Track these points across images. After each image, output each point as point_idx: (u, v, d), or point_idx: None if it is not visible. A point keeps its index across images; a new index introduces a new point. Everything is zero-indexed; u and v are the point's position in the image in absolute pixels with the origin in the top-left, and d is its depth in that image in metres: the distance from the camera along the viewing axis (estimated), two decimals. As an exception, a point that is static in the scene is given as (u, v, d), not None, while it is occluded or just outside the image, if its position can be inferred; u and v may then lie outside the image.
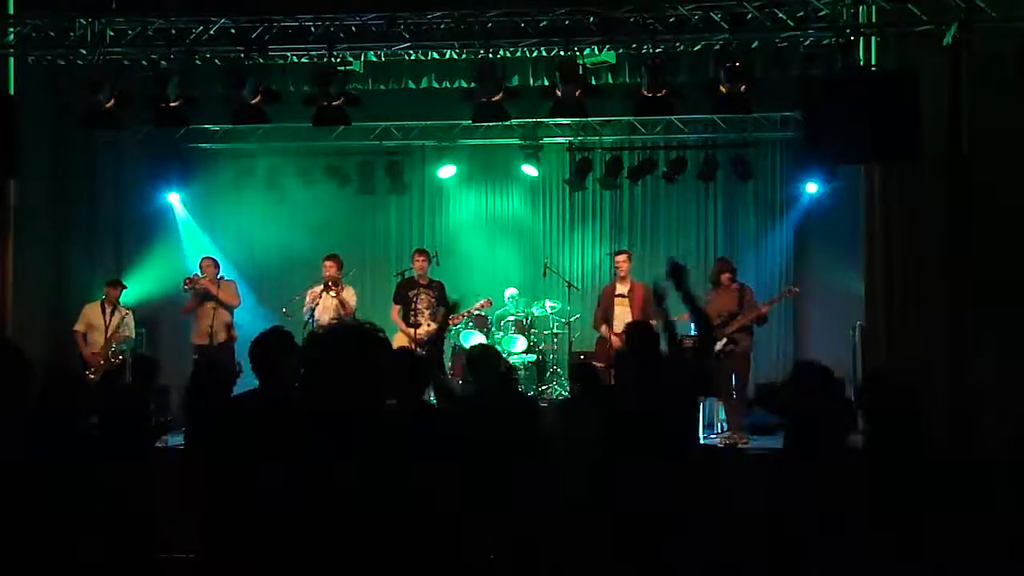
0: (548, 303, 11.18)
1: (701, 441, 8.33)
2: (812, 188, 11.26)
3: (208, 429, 4.60)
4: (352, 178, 11.81)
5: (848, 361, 10.13)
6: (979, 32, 8.03)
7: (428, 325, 9.45)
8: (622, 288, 9.56)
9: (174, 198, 11.97)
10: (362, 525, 2.39)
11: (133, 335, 10.01)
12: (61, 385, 4.61)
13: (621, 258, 9.74)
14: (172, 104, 8.77)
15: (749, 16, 8.43)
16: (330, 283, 9.48)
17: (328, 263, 9.67)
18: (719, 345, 9.11)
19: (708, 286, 9.58)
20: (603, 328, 9.56)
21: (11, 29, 8.91)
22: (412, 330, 9.35)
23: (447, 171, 11.99)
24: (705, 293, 9.43)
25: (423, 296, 9.45)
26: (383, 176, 11.86)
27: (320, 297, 9.55)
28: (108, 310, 9.70)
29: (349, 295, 9.60)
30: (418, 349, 9.17)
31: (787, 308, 11.30)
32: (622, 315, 9.34)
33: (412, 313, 9.43)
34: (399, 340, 9.31)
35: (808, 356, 10.55)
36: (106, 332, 9.63)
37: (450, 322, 9.58)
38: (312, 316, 9.49)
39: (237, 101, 8.83)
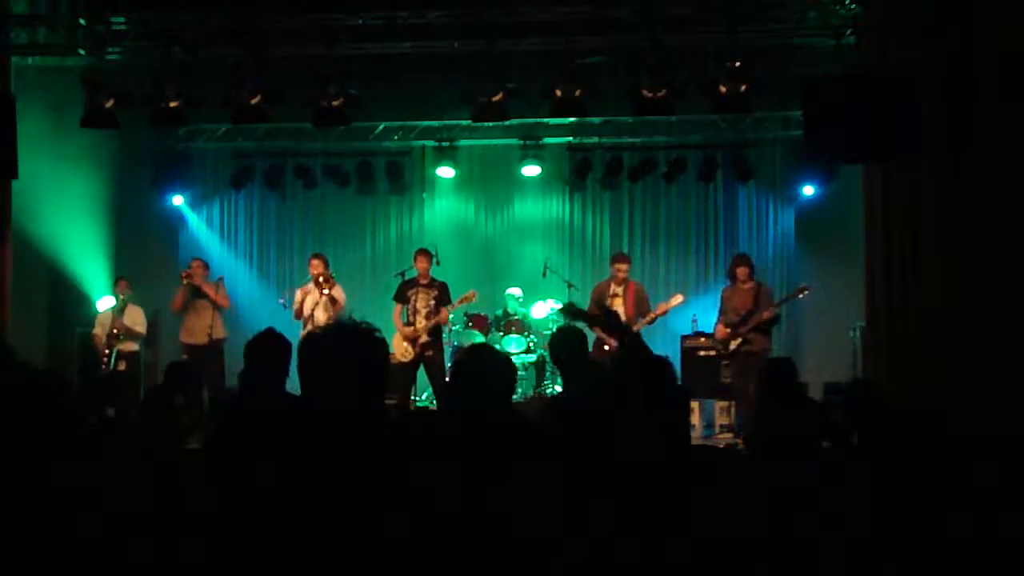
0: (549, 303, 11.16)
1: (700, 441, 8.29)
2: (809, 191, 11.25)
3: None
4: (352, 178, 11.81)
5: (848, 362, 10.12)
6: (979, 32, 8.02)
7: (424, 322, 9.42)
8: (617, 288, 9.45)
9: (179, 201, 12.01)
10: (362, 526, 2.38)
11: (144, 331, 10.04)
12: None
13: (623, 267, 9.43)
14: (172, 104, 8.77)
15: (749, 15, 8.43)
16: (320, 279, 9.54)
17: (315, 261, 9.76)
18: (733, 345, 9.06)
19: (726, 282, 9.46)
20: (598, 329, 9.42)
21: (11, 29, 8.90)
22: (409, 329, 9.34)
23: (447, 171, 11.98)
24: (724, 290, 9.37)
25: (422, 296, 9.43)
26: (383, 176, 11.87)
27: (309, 294, 9.63)
28: (117, 307, 9.91)
29: (338, 292, 9.67)
30: (415, 347, 9.19)
31: (787, 308, 11.28)
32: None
33: (410, 312, 9.42)
34: (398, 340, 9.30)
35: (808, 357, 10.62)
36: (110, 328, 9.84)
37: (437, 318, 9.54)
38: (311, 314, 9.54)
39: (237, 101, 8.83)
